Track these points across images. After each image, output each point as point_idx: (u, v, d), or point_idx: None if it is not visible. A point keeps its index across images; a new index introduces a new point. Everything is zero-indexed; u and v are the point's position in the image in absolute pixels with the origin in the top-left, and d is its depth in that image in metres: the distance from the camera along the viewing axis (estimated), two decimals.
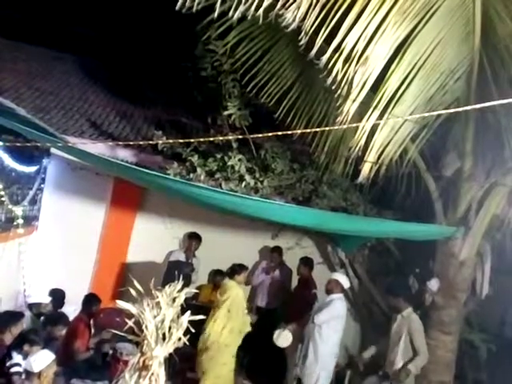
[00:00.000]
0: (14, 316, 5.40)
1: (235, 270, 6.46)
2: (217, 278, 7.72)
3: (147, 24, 10.79)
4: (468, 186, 6.10)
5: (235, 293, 6.23)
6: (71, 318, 6.25)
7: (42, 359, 4.30)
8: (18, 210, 6.64)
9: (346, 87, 4.95)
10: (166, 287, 4.29)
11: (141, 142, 7.01)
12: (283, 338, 6.46)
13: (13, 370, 4.71)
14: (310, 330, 6.33)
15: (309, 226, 6.63)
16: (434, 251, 6.56)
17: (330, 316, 6.20)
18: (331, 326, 6.23)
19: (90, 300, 6.44)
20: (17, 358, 4.70)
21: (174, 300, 4.23)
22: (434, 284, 6.34)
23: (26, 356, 4.65)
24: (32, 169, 6.99)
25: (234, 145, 6.93)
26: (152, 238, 7.87)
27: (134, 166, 5.92)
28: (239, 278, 6.43)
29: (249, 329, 6.31)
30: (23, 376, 4.45)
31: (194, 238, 7.85)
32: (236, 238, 8.04)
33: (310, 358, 6.24)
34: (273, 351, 6.85)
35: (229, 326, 6.16)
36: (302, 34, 4.58)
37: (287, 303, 7.65)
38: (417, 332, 5.78)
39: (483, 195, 6.09)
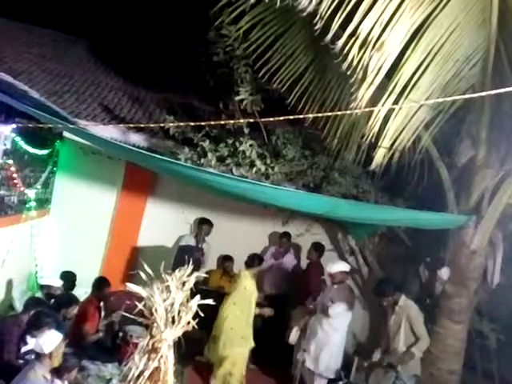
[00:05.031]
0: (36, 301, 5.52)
1: (254, 260, 6.51)
2: (226, 263, 7.76)
3: (161, 8, 10.75)
4: (481, 174, 6.03)
5: (243, 285, 6.30)
6: (82, 300, 6.31)
7: (51, 340, 4.33)
8: (31, 193, 6.71)
9: (360, 72, 4.90)
10: (176, 271, 4.32)
11: (151, 125, 7.01)
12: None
13: (27, 357, 4.78)
14: (319, 319, 6.35)
15: (319, 212, 6.61)
16: (445, 240, 6.53)
17: (343, 308, 6.25)
18: (343, 315, 6.27)
19: (100, 283, 6.47)
20: (31, 343, 4.75)
21: (183, 284, 4.26)
22: (444, 273, 6.31)
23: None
24: (45, 152, 7.03)
25: (246, 130, 6.93)
26: (163, 223, 7.92)
27: (144, 152, 5.92)
28: (254, 270, 6.49)
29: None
30: (33, 357, 4.49)
31: (204, 224, 7.86)
32: (246, 224, 8.07)
33: (320, 346, 6.28)
34: (280, 337, 6.90)
35: (238, 313, 6.22)
36: (318, 18, 4.54)
37: (296, 288, 7.68)
38: (415, 318, 5.82)
39: (497, 184, 6.02)
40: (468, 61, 5.41)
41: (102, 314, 6.44)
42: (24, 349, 4.88)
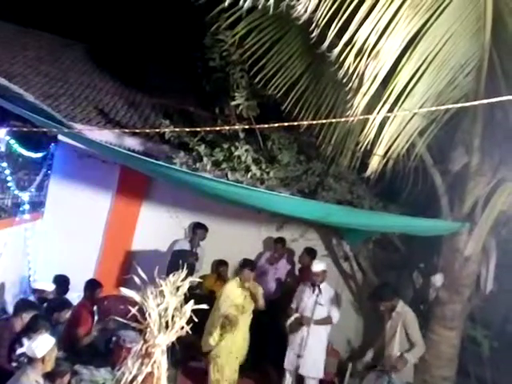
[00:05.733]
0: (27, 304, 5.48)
1: (246, 264, 6.52)
2: (220, 268, 7.76)
3: (157, 13, 10.77)
4: (475, 181, 6.07)
5: (224, 287, 6.38)
6: (75, 304, 6.29)
7: (43, 344, 4.31)
8: (25, 196, 6.68)
9: (356, 80, 4.93)
10: (170, 276, 4.31)
11: (147, 130, 7.02)
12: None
13: (21, 359, 4.76)
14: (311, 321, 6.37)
15: (314, 218, 6.63)
16: (439, 246, 6.55)
17: (336, 308, 6.38)
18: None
19: (92, 285, 6.46)
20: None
21: (177, 289, 4.24)
22: (438, 279, 6.34)
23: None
24: (39, 155, 7.02)
25: (241, 135, 6.94)
26: (157, 227, 7.90)
27: (139, 156, 5.92)
28: (244, 275, 6.45)
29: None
30: (25, 360, 4.47)
31: (199, 228, 7.86)
32: (241, 229, 8.06)
33: (309, 348, 6.29)
34: (275, 340, 6.91)
35: (216, 312, 6.24)
36: (313, 26, 4.57)
37: (289, 293, 7.69)
38: (411, 324, 5.83)
39: (490, 191, 6.06)
40: (462, 69, 5.46)
41: (96, 318, 6.42)
42: (19, 351, 4.86)
